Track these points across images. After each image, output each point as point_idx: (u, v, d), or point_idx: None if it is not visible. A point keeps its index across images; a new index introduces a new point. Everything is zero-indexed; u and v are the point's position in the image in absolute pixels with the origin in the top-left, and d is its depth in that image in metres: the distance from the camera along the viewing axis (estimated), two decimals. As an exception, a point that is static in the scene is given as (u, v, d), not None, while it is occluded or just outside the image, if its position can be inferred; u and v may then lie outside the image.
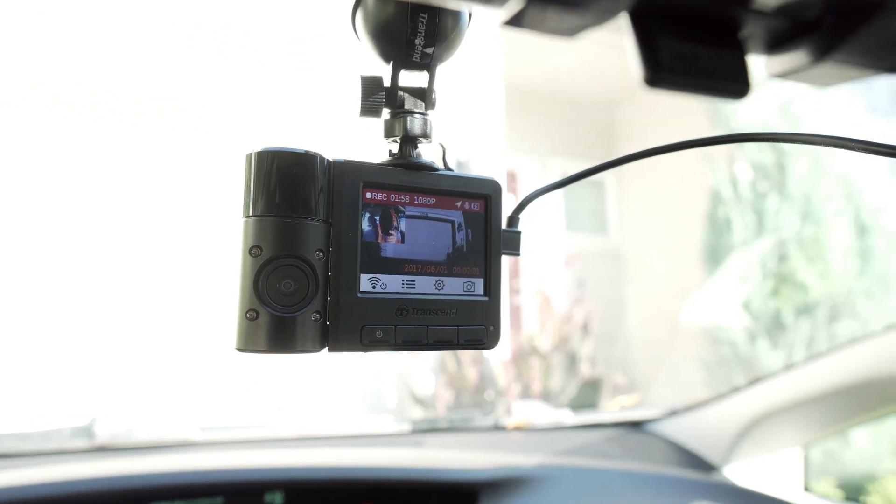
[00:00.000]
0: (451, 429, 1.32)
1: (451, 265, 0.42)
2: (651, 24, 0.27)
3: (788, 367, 1.20)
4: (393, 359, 3.52)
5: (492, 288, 0.43)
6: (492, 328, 0.43)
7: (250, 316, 0.36)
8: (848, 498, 2.58)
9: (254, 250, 0.36)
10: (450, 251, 0.42)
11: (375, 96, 0.41)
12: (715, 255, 3.92)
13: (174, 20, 3.24)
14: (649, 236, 4.98)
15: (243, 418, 3.14)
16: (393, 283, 0.40)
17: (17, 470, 0.87)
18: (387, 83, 0.41)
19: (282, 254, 0.36)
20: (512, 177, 4.78)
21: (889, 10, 0.23)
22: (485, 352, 3.21)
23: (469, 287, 0.43)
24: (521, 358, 3.41)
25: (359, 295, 0.39)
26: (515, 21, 0.25)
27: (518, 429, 1.28)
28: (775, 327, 3.53)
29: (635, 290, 4.99)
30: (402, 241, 0.40)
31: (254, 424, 1.28)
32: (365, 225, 0.39)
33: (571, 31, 0.26)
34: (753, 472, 1.17)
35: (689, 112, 4.22)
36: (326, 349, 0.38)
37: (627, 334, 4.82)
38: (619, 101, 5.26)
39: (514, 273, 4.57)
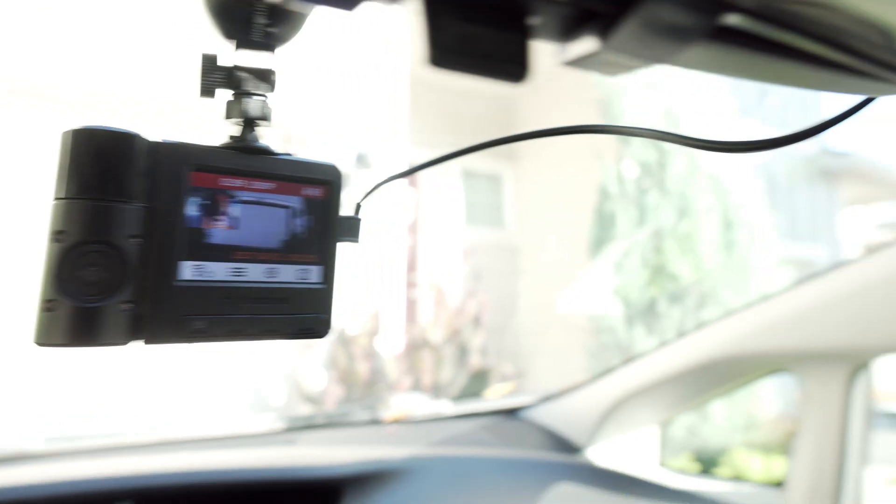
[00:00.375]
0: (328, 424, 1.29)
1: (286, 252, 0.40)
2: (440, 5, 0.27)
3: (650, 350, 1.28)
4: (281, 355, 3.43)
5: (328, 276, 0.42)
6: (324, 317, 0.42)
7: (49, 307, 0.33)
8: (703, 471, 2.81)
9: (59, 235, 0.33)
10: (286, 238, 0.40)
11: (213, 75, 0.39)
12: (601, 247, 4.14)
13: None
14: (543, 229, 5.17)
15: (101, 426, 2.93)
16: (219, 271, 0.38)
17: None
18: (226, 63, 0.39)
19: (88, 239, 0.34)
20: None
21: (650, 3, 0.24)
22: (377, 346, 3.18)
23: (304, 275, 0.41)
24: (413, 351, 3.43)
25: (177, 283, 0.36)
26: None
27: (396, 421, 1.28)
28: (650, 314, 3.78)
29: (528, 281, 5.17)
30: (235, 227, 0.38)
31: (107, 432, 1.19)
32: (191, 210, 0.37)
33: None
34: (614, 451, 1.24)
35: (587, 108, 4.43)
36: (143, 342, 0.36)
37: (518, 325, 4.98)
38: (521, 97, 5.41)
39: (412, 266, 4.59)
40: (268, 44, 0.40)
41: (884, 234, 8.06)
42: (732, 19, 0.25)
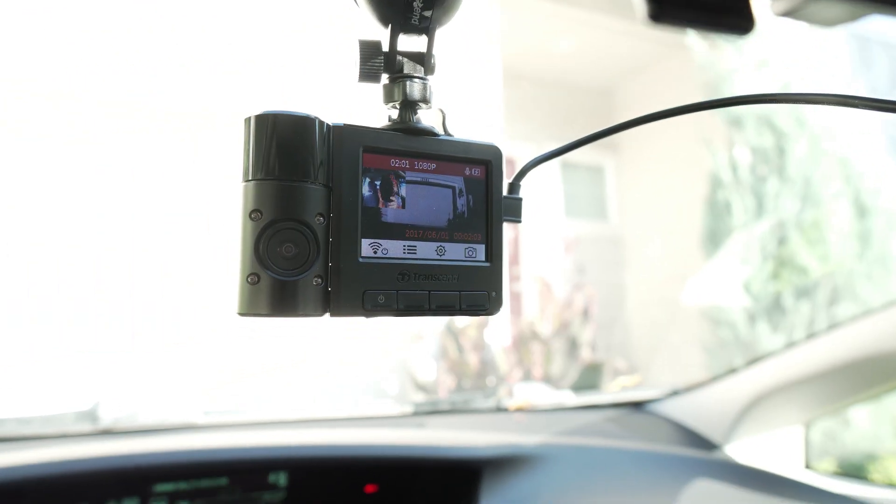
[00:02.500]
0: (453, 410, 1.32)
1: (452, 231, 0.42)
2: None
3: (788, 346, 1.20)
4: (393, 346, 3.53)
5: (493, 254, 0.43)
6: (493, 294, 0.43)
7: (251, 280, 0.36)
8: (851, 476, 2.59)
9: (254, 214, 0.36)
10: (451, 217, 0.42)
11: (374, 61, 0.40)
12: (715, 238, 3.92)
13: (171, 21, 3.23)
14: (649, 221, 4.98)
15: (245, 403, 3.15)
16: (394, 249, 0.40)
17: (20, 452, 0.87)
18: (385, 48, 0.41)
19: (282, 217, 0.36)
20: (510, 163, 4.77)
21: None
22: (486, 338, 3.20)
23: (470, 253, 0.42)
24: (521, 344, 3.42)
25: (360, 260, 0.38)
26: None
27: (520, 410, 1.29)
28: (775, 310, 3.54)
29: (635, 274, 4.99)
30: (403, 206, 0.40)
31: (256, 408, 1.28)
32: (365, 190, 0.39)
33: None
34: (754, 450, 1.18)
35: (688, 95, 4.20)
36: (328, 314, 0.38)
37: (627, 318, 4.83)
38: (617, 86, 5.23)
39: (514, 260, 4.58)
40: (424, 27, 0.41)
41: None
42: None
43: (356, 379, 3.52)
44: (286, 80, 3.52)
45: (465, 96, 3.84)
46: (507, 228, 0.46)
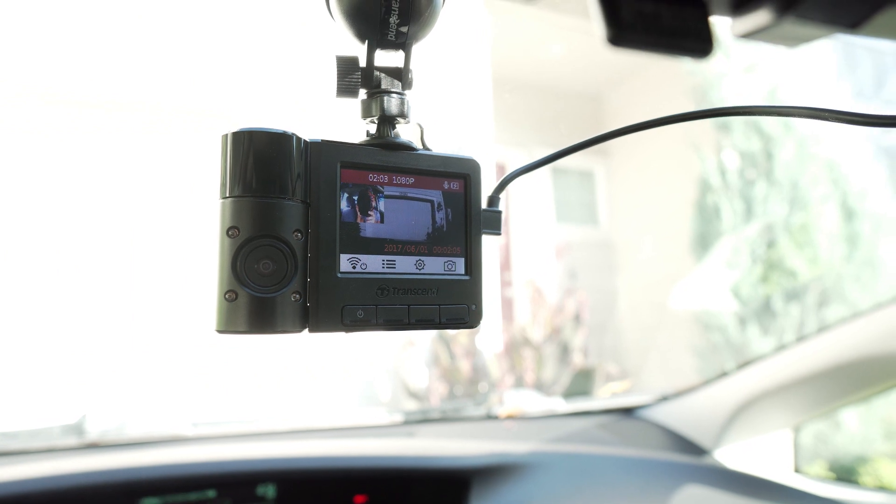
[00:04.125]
0: (443, 419, 1.32)
1: (431, 245, 0.42)
2: None
3: (778, 349, 1.21)
4: (385, 352, 3.53)
5: (473, 267, 0.43)
6: (473, 307, 0.43)
7: (229, 297, 0.36)
8: (841, 479, 2.60)
9: (231, 231, 0.36)
10: (430, 231, 0.42)
11: (351, 76, 0.40)
12: (704, 242, 3.94)
13: (171, 22, 3.24)
14: (639, 225, 5.00)
15: (234, 414, 3.13)
16: (373, 263, 0.40)
17: (6, 467, 0.86)
18: (363, 63, 0.41)
19: (259, 234, 0.36)
20: (501, 169, 4.78)
21: None
22: (478, 344, 3.20)
23: (450, 266, 0.43)
24: (513, 349, 3.42)
25: (339, 275, 0.38)
26: None
27: (510, 417, 1.29)
28: (765, 313, 3.56)
29: (626, 279, 5.01)
30: (382, 221, 0.40)
31: (245, 419, 1.27)
32: (343, 205, 0.39)
33: None
34: (744, 455, 1.18)
35: (676, 101, 4.24)
36: (307, 330, 0.38)
37: (619, 323, 4.84)
38: (607, 92, 5.27)
39: (506, 266, 4.58)
40: (401, 43, 0.41)
41: None
42: None
43: (347, 387, 3.51)
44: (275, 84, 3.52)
45: (455, 103, 3.85)
46: (494, 237, 0.46)
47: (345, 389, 3.50)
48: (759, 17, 0.25)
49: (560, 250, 4.57)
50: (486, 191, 0.46)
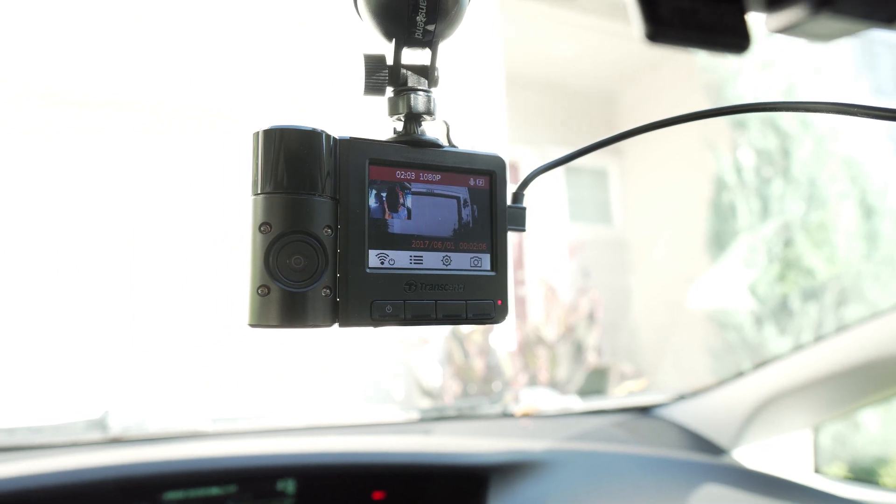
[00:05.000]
0: (459, 416, 1.32)
1: (457, 241, 0.42)
2: None
3: (796, 348, 1.20)
4: (399, 350, 3.54)
5: (498, 263, 0.44)
6: (499, 303, 0.44)
7: (262, 292, 0.36)
8: (862, 480, 2.57)
9: (263, 227, 0.37)
10: (456, 227, 0.42)
11: (379, 74, 0.41)
12: (720, 241, 3.91)
13: (172, 22, 3.25)
14: (653, 224, 4.97)
15: (253, 410, 3.16)
16: (401, 259, 0.40)
17: (30, 461, 0.88)
18: (390, 61, 0.41)
19: (291, 230, 0.37)
20: (514, 167, 4.78)
21: None
22: (492, 343, 3.19)
23: (476, 262, 0.43)
24: (527, 348, 3.42)
25: (368, 270, 0.39)
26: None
27: (526, 415, 1.29)
28: (782, 312, 3.52)
29: (640, 277, 4.98)
30: (409, 217, 0.41)
31: (264, 415, 1.28)
32: (372, 201, 0.40)
33: None
34: (763, 454, 1.17)
35: (691, 99, 4.20)
36: (337, 325, 0.39)
37: (633, 322, 4.82)
38: (620, 89, 5.24)
39: (519, 264, 4.58)
40: (428, 41, 0.41)
41: None
42: None
43: (361, 385, 3.52)
44: (298, 86, 3.54)
45: (470, 102, 3.85)
46: (512, 234, 0.46)
47: (358, 387, 3.52)
48: (795, 13, 0.25)
49: (574, 249, 4.55)
50: (510, 188, 0.46)
